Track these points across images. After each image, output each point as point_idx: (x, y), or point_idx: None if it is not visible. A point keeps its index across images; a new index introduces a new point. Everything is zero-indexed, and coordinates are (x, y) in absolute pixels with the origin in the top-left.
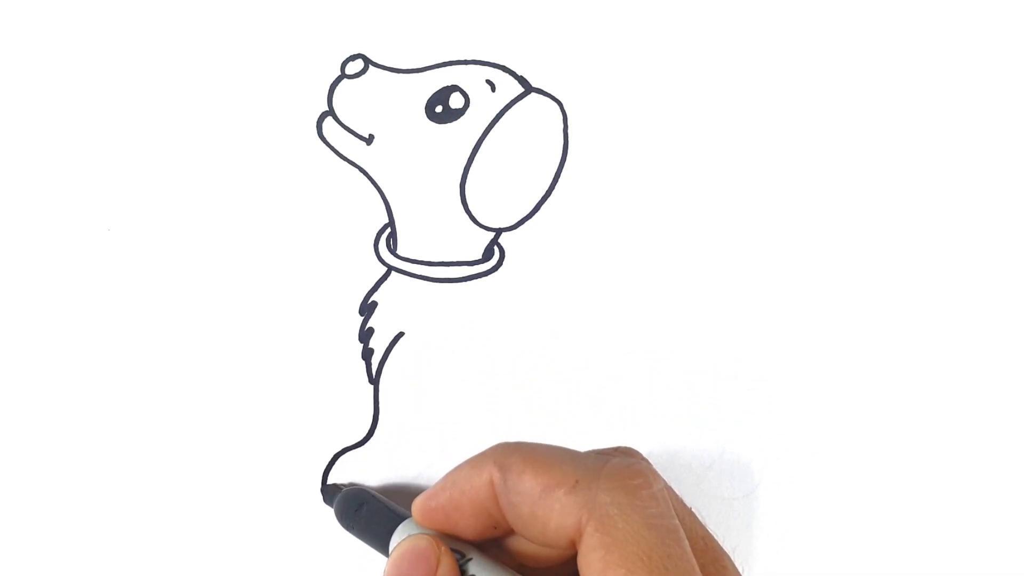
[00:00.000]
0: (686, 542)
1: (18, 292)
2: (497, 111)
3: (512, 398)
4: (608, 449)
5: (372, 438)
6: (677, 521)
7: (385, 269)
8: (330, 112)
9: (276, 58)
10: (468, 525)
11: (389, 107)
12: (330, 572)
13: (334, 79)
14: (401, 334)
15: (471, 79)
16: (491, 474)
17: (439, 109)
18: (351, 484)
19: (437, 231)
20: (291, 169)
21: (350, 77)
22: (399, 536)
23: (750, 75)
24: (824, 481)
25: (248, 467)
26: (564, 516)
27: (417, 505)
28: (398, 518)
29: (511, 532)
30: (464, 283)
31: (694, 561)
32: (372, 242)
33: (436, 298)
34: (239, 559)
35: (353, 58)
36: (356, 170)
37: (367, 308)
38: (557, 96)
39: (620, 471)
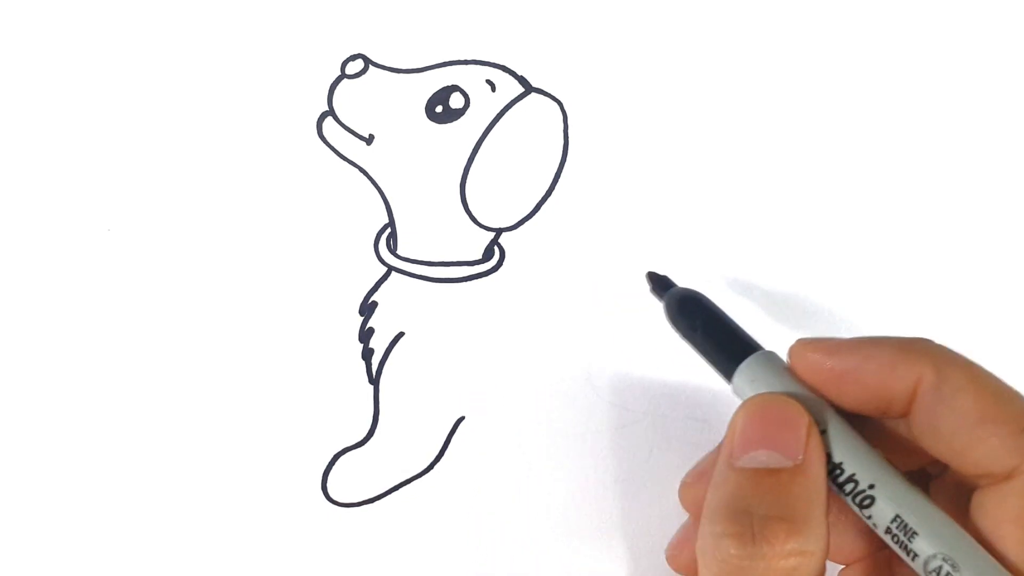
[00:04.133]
0: None
1: (18, 292)
2: (497, 111)
3: (512, 398)
4: None
5: (372, 438)
6: None
7: (385, 269)
8: (330, 112)
9: (276, 58)
10: (854, 397)
11: (389, 107)
12: (330, 572)
13: (334, 79)
14: (401, 334)
15: (471, 79)
16: (923, 372)
17: (439, 109)
18: (686, 289)
19: (437, 231)
20: (291, 169)
21: (350, 77)
22: (755, 377)
23: (750, 75)
24: None
25: (248, 467)
26: (998, 453)
27: (802, 352)
28: (748, 347)
29: (896, 419)
30: (464, 283)
31: None
32: (372, 242)
33: (436, 298)
34: (239, 559)
35: (353, 58)
36: (356, 170)
37: (367, 308)
38: (557, 96)
39: None
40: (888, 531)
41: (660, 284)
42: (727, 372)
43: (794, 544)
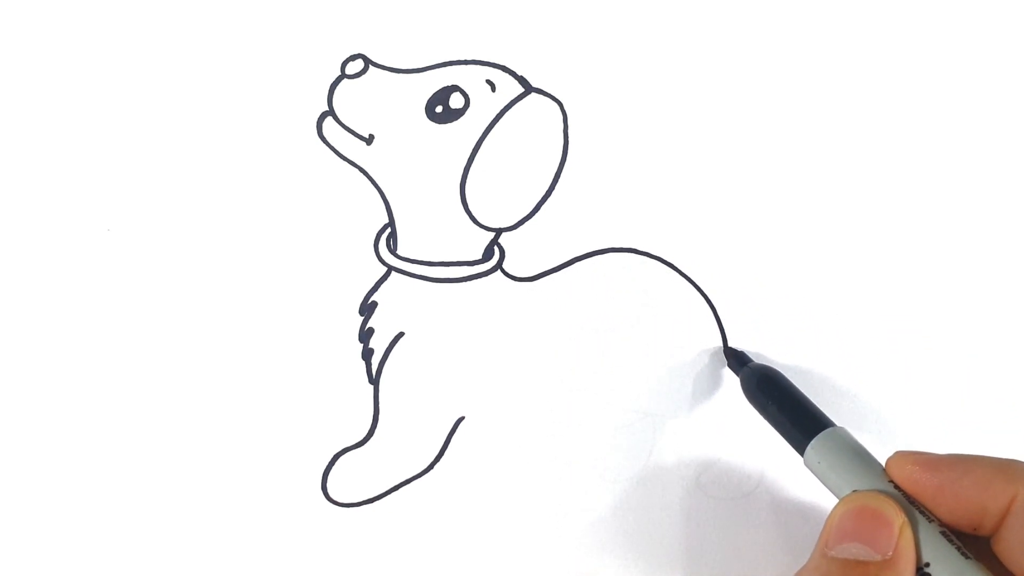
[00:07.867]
0: None
1: (18, 292)
2: (497, 111)
3: (512, 398)
4: None
5: (372, 438)
6: None
7: (385, 269)
8: (330, 112)
9: (276, 58)
10: (949, 510)
11: (389, 107)
12: (330, 572)
13: (334, 79)
14: (401, 334)
15: (471, 79)
16: (1019, 491)
17: (439, 109)
18: (758, 356)
19: (437, 231)
20: (291, 169)
21: (350, 77)
22: (825, 452)
23: (750, 75)
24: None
25: (248, 467)
26: None
27: (902, 463)
28: (819, 424)
29: (980, 536)
30: (464, 283)
31: None
32: (372, 242)
33: (436, 298)
34: (238, 559)
35: (353, 58)
36: (356, 170)
37: (367, 308)
38: (557, 96)
39: None
40: None
41: (737, 359)
42: (800, 446)
43: None
